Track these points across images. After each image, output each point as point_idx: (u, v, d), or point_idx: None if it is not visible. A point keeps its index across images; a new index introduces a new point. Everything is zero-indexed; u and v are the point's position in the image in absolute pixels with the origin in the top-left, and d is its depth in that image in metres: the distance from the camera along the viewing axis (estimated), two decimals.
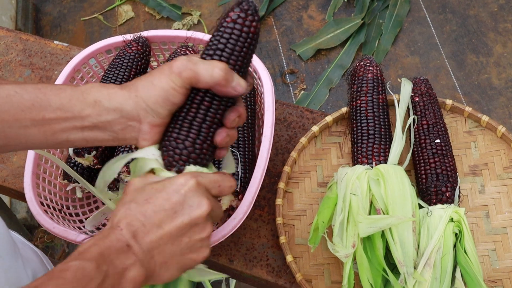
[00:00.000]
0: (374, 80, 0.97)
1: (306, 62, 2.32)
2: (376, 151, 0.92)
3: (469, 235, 0.87)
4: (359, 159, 0.92)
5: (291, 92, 2.26)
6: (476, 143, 0.98)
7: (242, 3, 0.64)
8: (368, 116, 0.94)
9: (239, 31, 0.65)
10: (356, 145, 0.94)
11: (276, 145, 1.05)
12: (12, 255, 0.72)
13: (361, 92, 0.97)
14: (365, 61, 1.00)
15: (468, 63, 2.22)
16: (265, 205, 1.00)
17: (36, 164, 0.93)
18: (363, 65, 0.99)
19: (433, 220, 0.87)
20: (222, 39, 0.65)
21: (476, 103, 2.12)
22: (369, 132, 0.93)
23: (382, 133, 0.93)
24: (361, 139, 0.93)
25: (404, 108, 0.98)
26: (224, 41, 0.65)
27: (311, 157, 1.01)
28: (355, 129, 0.95)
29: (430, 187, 0.90)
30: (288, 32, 2.40)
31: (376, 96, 0.96)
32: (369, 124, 0.94)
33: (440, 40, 2.28)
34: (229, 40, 0.65)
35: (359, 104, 0.96)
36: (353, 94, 0.99)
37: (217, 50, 0.65)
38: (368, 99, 0.96)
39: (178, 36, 1.02)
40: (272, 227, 0.98)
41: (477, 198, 0.94)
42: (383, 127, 0.94)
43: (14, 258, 0.72)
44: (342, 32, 2.33)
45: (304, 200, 0.97)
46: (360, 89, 0.97)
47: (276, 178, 1.02)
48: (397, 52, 2.29)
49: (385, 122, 0.95)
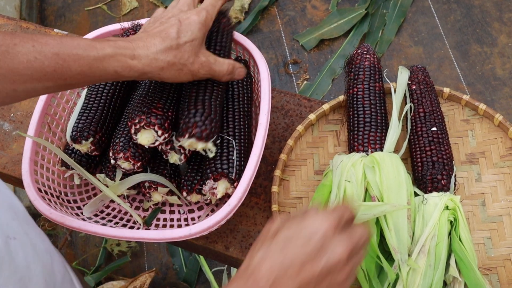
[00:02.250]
0: (371, 68, 0.97)
1: (309, 52, 2.31)
2: (372, 139, 0.92)
3: (465, 223, 0.87)
4: (355, 147, 0.92)
5: (294, 82, 2.26)
6: (473, 131, 0.98)
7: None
8: (365, 104, 0.94)
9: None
10: (352, 133, 0.94)
11: (273, 133, 1.06)
12: (45, 247, 0.71)
13: (357, 80, 0.96)
14: (362, 49, 0.99)
15: (472, 53, 2.21)
16: (262, 193, 1.01)
17: (34, 151, 0.94)
18: (360, 53, 0.99)
19: (428, 208, 0.87)
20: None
21: (480, 94, 2.11)
22: (365, 120, 0.93)
23: (379, 121, 0.93)
24: (358, 127, 0.93)
25: (401, 96, 0.98)
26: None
27: (308, 145, 1.01)
28: (352, 117, 0.95)
29: (426, 175, 0.90)
30: (292, 22, 2.40)
31: (373, 84, 0.96)
32: (366, 112, 0.94)
33: (444, 30, 2.27)
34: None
35: (356, 92, 0.96)
36: (350, 82, 0.98)
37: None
38: (365, 87, 0.96)
39: None
40: (268, 215, 0.99)
41: (473, 186, 0.94)
42: (379, 115, 0.94)
43: (48, 251, 0.70)
44: (345, 22, 2.32)
45: (300, 187, 0.98)
46: (356, 77, 0.97)
47: (273, 166, 1.02)
48: (401, 42, 2.28)
49: (382, 110, 0.95)
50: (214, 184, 0.88)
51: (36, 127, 0.96)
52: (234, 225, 0.98)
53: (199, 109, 0.85)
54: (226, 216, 0.83)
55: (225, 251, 0.96)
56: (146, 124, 0.84)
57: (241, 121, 0.94)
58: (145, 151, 0.91)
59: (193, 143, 0.84)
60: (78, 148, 0.95)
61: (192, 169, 0.95)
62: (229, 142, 0.90)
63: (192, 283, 1.88)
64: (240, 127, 0.93)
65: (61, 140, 1.03)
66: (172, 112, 0.88)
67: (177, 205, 1.01)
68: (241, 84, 0.98)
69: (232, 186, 0.88)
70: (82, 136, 0.93)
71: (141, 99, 0.88)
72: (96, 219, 0.96)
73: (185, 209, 1.01)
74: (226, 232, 0.98)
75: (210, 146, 0.85)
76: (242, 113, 0.95)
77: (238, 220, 0.98)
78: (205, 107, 0.85)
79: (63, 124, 1.03)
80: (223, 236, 0.97)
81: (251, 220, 0.98)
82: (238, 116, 0.94)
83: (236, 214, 0.97)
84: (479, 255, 0.89)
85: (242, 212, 0.99)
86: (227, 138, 0.90)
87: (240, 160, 0.89)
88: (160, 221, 0.99)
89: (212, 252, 0.98)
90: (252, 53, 0.97)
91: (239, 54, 1.04)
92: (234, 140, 0.91)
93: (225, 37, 0.94)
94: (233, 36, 0.99)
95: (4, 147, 1.11)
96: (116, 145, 0.91)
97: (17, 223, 0.61)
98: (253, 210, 0.99)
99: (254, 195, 1.00)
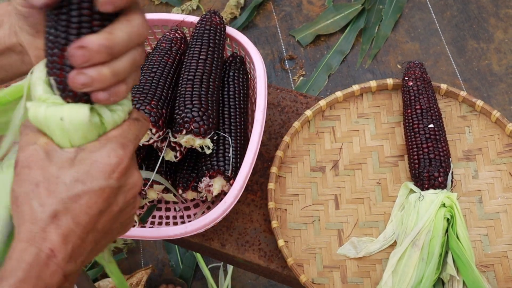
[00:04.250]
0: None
1: (305, 48, 2.30)
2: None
3: (462, 220, 0.87)
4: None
5: (290, 78, 2.25)
6: (471, 128, 0.97)
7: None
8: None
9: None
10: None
11: (270, 129, 1.05)
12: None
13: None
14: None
15: (469, 49, 2.20)
16: (258, 190, 1.00)
17: None
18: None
19: (424, 205, 0.87)
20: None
21: (476, 90, 2.10)
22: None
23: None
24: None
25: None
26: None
27: (304, 142, 1.00)
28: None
29: (423, 172, 0.90)
30: (288, 18, 2.39)
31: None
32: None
33: (440, 26, 2.26)
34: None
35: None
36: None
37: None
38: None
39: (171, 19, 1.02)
40: (264, 212, 0.98)
41: (470, 183, 0.94)
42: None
43: None
44: (341, 18, 2.31)
45: (296, 184, 0.97)
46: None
47: (269, 162, 1.02)
48: (397, 38, 2.27)
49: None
50: (210, 181, 0.87)
51: None
52: (230, 222, 0.98)
53: (196, 104, 0.84)
54: (222, 214, 0.83)
55: (221, 249, 0.96)
56: None
57: (237, 118, 0.93)
58: (140, 149, 0.91)
59: (191, 139, 0.83)
60: None
61: (187, 166, 0.94)
62: (225, 139, 0.89)
63: (188, 280, 1.87)
64: (236, 124, 0.92)
65: None
66: (167, 109, 0.87)
67: (173, 202, 1.00)
68: (237, 81, 0.97)
69: (228, 184, 0.88)
70: None
71: (135, 97, 0.87)
72: None
73: (181, 206, 1.00)
74: (222, 229, 0.97)
75: (208, 142, 0.85)
76: (238, 109, 0.94)
77: (234, 217, 0.98)
78: (202, 102, 0.84)
79: None
80: (219, 233, 0.97)
81: (247, 217, 0.98)
82: (234, 113, 0.93)
83: (232, 211, 0.97)
84: (476, 252, 0.89)
85: (238, 209, 0.98)
86: (223, 135, 0.90)
87: (236, 157, 0.89)
88: (155, 218, 0.98)
89: (208, 249, 0.98)
90: (248, 49, 0.96)
91: (235, 50, 1.03)
92: (230, 137, 0.90)
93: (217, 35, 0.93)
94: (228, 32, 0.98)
95: None
96: None
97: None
98: (250, 207, 0.99)
99: (250, 192, 1.00)
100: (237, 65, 0.99)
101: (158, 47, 0.96)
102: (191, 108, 0.83)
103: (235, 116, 0.93)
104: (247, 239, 0.96)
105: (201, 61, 0.90)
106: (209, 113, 0.84)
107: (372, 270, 0.90)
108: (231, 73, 0.98)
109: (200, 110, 0.83)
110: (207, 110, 0.84)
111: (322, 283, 0.90)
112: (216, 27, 0.95)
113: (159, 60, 0.92)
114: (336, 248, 0.92)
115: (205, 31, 0.93)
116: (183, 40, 0.99)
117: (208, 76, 0.89)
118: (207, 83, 0.88)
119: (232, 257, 0.96)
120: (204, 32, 0.93)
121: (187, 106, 0.84)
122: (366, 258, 0.90)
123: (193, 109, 0.83)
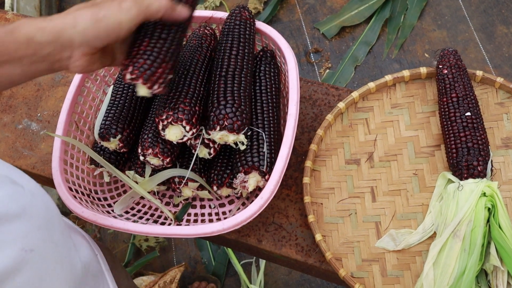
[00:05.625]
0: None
1: (331, 40, 2.28)
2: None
3: (504, 210, 0.85)
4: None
5: (316, 71, 2.23)
6: (508, 115, 0.95)
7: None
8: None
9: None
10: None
11: (302, 123, 1.04)
12: (66, 242, 0.71)
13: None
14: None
15: (498, 35, 2.16)
16: (293, 184, 0.99)
17: (63, 150, 0.94)
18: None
19: (463, 194, 0.85)
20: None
21: (508, 76, 2.06)
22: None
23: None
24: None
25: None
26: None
27: (338, 134, 0.99)
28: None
29: (461, 162, 0.88)
30: (311, 11, 2.37)
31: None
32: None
33: (468, 12, 2.22)
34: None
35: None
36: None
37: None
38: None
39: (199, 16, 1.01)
40: (300, 206, 0.97)
41: (510, 171, 0.91)
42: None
43: (68, 245, 0.71)
44: (366, 8, 2.28)
45: (331, 178, 0.96)
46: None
47: (303, 156, 1.01)
48: (424, 26, 2.23)
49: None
50: (245, 177, 0.87)
51: (64, 126, 0.96)
52: (266, 218, 0.97)
53: (229, 100, 0.83)
54: (258, 210, 0.82)
55: (258, 245, 0.95)
56: (173, 120, 0.83)
57: (270, 113, 0.93)
58: (173, 147, 0.91)
59: (225, 135, 0.83)
60: (106, 145, 0.94)
61: (221, 162, 0.94)
62: (259, 134, 0.89)
63: (221, 276, 1.88)
64: (269, 118, 0.92)
65: (89, 138, 1.03)
66: (200, 106, 0.86)
67: (208, 199, 1.00)
68: (268, 75, 0.97)
69: (263, 179, 0.87)
70: (110, 134, 0.93)
71: (169, 94, 0.87)
72: (127, 216, 0.96)
73: (215, 203, 1.00)
74: (258, 225, 0.97)
75: (242, 138, 0.84)
76: (270, 104, 0.93)
77: (270, 213, 0.97)
78: (235, 98, 0.84)
79: (90, 122, 1.03)
80: (255, 230, 0.96)
81: (283, 212, 0.97)
82: (267, 108, 0.93)
83: (268, 206, 0.96)
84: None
85: (274, 204, 0.98)
86: (257, 130, 0.89)
87: (270, 152, 0.88)
88: (191, 216, 0.98)
89: (245, 245, 0.97)
90: (278, 42, 0.96)
91: (265, 44, 1.02)
92: (264, 132, 0.89)
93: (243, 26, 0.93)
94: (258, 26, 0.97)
95: (33, 147, 1.12)
96: (144, 141, 0.90)
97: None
98: (285, 202, 0.98)
99: (285, 187, 0.99)
100: (268, 59, 0.98)
101: (189, 44, 0.96)
102: (225, 105, 0.83)
103: (267, 111, 0.93)
104: (283, 234, 0.95)
105: (232, 56, 0.89)
106: (242, 109, 0.84)
107: (412, 262, 0.88)
108: (262, 67, 0.97)
109: (234, 106, 0.83)
110: (240, 106, 0.84)
111: (361, 277, 0.89)
112: (246, 22, 0.94)
113: (191, 57, 0.92)
114: (375, 241, 0.90)
115: (235, 26, 0.92)
116: (213, 37, 0.99)
117: (240, 71, 0.88)
118: (239, 78, 0.87)
119: (269, 253, 0.96)
120: (235, 27, 0.92)
121: (220, 103, 0.83)
122: (406, 251, 0.89)
123: (227, 105, 0.83)
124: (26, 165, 1.09)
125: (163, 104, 0.86)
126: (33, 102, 1.17)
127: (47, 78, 1.20)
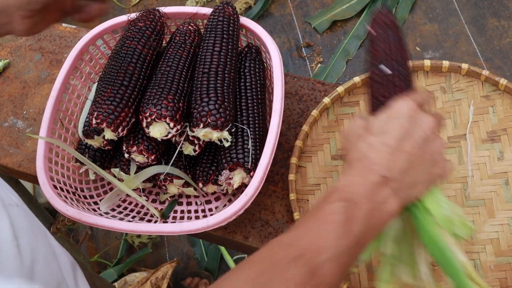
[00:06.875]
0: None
1: (322, 35, 2.28)
2: None
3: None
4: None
5: (307, 66, 2.23)
6: (494, 108, 0.95)
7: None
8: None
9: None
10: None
11: (288, 119, 1.04)
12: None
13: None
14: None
15: (489, 28, 2.16)
16: (279, 181, 0.99)
17: (47, 148, 0.93)
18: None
19: None
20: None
21: (498, 69, 2.06)
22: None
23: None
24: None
25: None
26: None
27: (324, 130, 0.99)
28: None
29: None
30: (303, 5, 2.36)
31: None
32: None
33: (459, 5, 2.22)
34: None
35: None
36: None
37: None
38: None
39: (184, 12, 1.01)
40: (286, 203, 0.97)
41: (495, 165, 0.91)
42: None
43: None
44: (357, 2, 2.28)
45: (317, 174, 0.96)
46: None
47: (289, 152, 1.00)
48: (415, 20, 2.23)
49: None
50: (230, 174, 0.86)
51: (49, 124, 0.95)
52: (252, 214, 0.97)
53: (212, 97, 0.83)
54: (243, 207, 0.82)
55: (245, 241, 0.95)
56: (157, 116, 0.83)
57: (254, 109, 0.92)
58: (158, 144, 0.90)
59: (208, 132, 0.83)
60: (91, 143, 0.94)
61: (207, 159, 0.93)
62: (244, 131, 0.88)
63: (213, 272, 1.88)
64: (254, 115, 0.91)
65: (75, 136, 1.02)
66: (183, 103, 0.86)
67: (194, 196, 1.00)
68: (253, 71, 0.96)
69: (249, 176, 0.87)
70: (94, 132, 0.92)
71: (152, 91, 0.86)
72: (113, 214, 0.96)
73: (202, 200, 0.99)
74: (245, 221, 0.96)
75: (226, 135, 0.84)
76: (255, 100, 0.93)
77: (256, 209, 0.97)
78: (218, 95, 0.84)
79: (76, 119, 1.03)
80: (242, 226, 0.96)
81: (269, 209, 0.97)
82: (252, 104, 0.92)
83: (254, 203, 0.96)
84: (504, 236, 0.86)
85: (260, 201, 0.97)
86: (242, 127, 0.89)
87: (255, 148, 0.88)
88: (177, 213, 0.98)
89: (232, 242, 0.97)
90: (263, 38, 0.95)
91: (250, 40, 1.02)
92: (249, 128, 0.89)
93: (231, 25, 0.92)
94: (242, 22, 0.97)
95: (19, 145, 1.11)
96: (129, 139, 0.90)
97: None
98: (271, 198, 0.98)
99: (271, 183, 0.99)
100: (253, 55, 0.98)
101: (173, 41, 0.95)
102: (208, 101, 0.82)
103: (252, 107, 0.92)
104: (270, 230, 0.95)
105: (215, 53, 0.89)
106: (226, 106, 0.83)
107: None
108: (247, 63, 0.97)
109: (217, 103, 0.83)
110: (224, 103, 0.83)
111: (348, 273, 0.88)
112: (230, 18, 0.94)
113: (174, 53, 0.91)
114: None
115: (218, 22, 0.92)
116: (197, 33, 0.98)
117: (223, 68, 0.88)
118: (223, 75, 0.87)
119: (256, 250, 0.96)
120: (218, 24, 0.92)
121: (203, 100, 0.83)
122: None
123: (210, 102, 0.82)
124: (12, 163, 1.09)
125: (147, 101, 0.85)
126: (18, 100, 1.17)
127: (33, 76, 1.19)
